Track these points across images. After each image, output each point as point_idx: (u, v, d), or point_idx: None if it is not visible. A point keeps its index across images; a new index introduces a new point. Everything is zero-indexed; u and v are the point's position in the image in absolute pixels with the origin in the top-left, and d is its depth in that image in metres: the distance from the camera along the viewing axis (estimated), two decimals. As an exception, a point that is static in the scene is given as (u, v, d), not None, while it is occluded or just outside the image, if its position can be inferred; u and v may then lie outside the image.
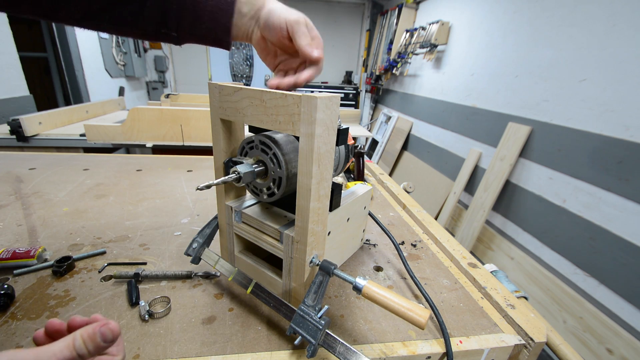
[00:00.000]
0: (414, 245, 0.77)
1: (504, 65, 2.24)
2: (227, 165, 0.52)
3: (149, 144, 1.76)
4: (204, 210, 0.88)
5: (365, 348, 0.47)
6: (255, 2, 0.47)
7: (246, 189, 0.57)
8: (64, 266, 0.58)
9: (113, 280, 0.58)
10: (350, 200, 0.60)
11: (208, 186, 0.43)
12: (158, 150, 1.79)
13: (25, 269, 0.58)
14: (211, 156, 0.74)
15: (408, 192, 1.12)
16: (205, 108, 1.87)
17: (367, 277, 0.60)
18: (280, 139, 0.48)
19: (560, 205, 1.73)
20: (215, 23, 0.46)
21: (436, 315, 0.52)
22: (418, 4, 3.68)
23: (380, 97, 4.75)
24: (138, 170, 1.16)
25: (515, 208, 2.04)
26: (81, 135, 1.80)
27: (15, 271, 0.58)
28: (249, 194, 0.60)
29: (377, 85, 4.56)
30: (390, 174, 3.78)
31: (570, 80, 1.72)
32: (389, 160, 3.86)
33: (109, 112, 2.60)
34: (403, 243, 0.78)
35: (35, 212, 0.81)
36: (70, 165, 1.17)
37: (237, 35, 0.49)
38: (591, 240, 1.56)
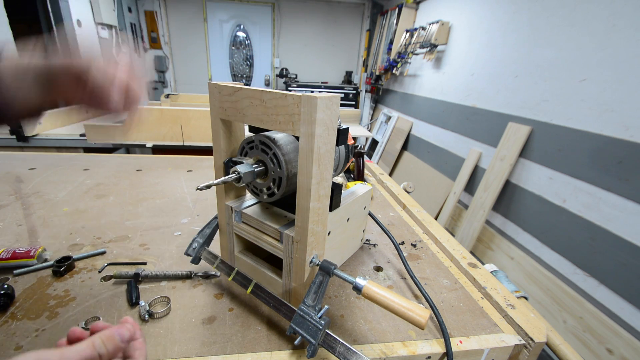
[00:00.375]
0: (414, 245, 0.77)
1: (504, 65, 2.24)
2: (227, 165, 0.52)
3: (149, 144, 1.76)
4: (204, 210, 0.88)
5: (365, 348, 0.47)
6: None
7: (246, 189, 0.57)
8: (64, 266, 0.58)
9: (113, 280, 0.58)
10: (350, 200, 0.60)
11: (208, 186, 0.43)
12: (158, 150, 1.79)
13: (25, 269, 0.58)
14: (211, 156, 0.74)
15: (408, 192, 1.12)
16: (205, 108, 1.88)
17: (367, 277, 0.60)
18: (280, 139, 0.48)
19: (560, 205, 1.73)
20: None
21: (436, 315, 0.52)
22: (418, 4, 3.68)
23: (380, 97, 4.75)
24: (138, 170, 1.16)
25: (515, 208, 2.04)
26: (81, 135, 1.80)
27: (15, 271, 0.58)
28: (249, 194, 0.60)
29: (377, 85, 4.56)
30: (390, 174, 3.78)
31: (570, 80, 1.72)
32: (389, 160, 3.86)
33: (109, 112, 2.60)
34: (403, 243, 0.78)
35: (35, 212, 0.81)
36: (70, 165, 1.17)
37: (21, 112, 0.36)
38: (591, 240, 1.56)
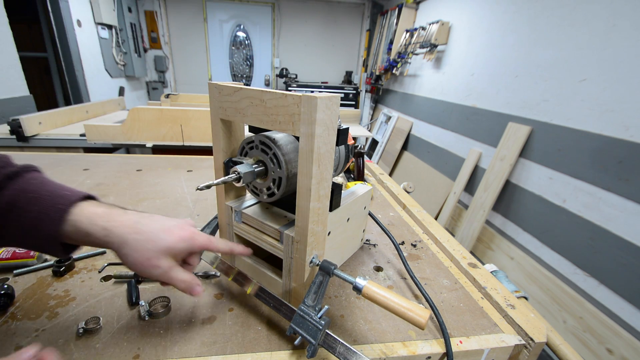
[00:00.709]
0: (414, 245, 0.77)
1: (504, 65, 2.24)
2: (227, 165, 0.52)
3: (149, 144, 1.76)
4: (204, 210, 0.88)
5: (365, 348, 0.47)
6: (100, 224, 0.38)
7: (246, 189, 0.57)
8: (64, 266, 0.58)
9: (113, 280, 0.58)
10: (350, 200, 0.60)
11: (208, 186, 0.43)
12: (158, 150, 1.79)
13: (25, 269, 0.58)
14: (211, 156, 0.74)
15: (408, 192, 1.12)
16: (205, 108, 1.87)
17: (367, 277, 0.60)
18: (280, 139, 0.48)
19: (560, 205, 1.73)
20: (38, 232, 0.37)
21: (436, 316, 0.52)
22: (418, 4, 3.68)
23: (380, 97, 4.75)
24: (138, 170, 1.16)
25: (515, 208, 2.04)
26: (81, 135, 1.80)
27: (15, 271, 0.58)
28: (249, 194, 0.60)
29: (377, 85, 4.55)
30: (390, 174, 3.78)
31: (570, 80, 1.72)
32: (389, 160, 3.86)
33: (109, 112, 2.60)
34: (403, 243, 0.78)
35: (35, 212, 0.81)
36: (70, 165, 1.17)
37: (81, 240, 0.39)
38: (591, 240, 1.56)
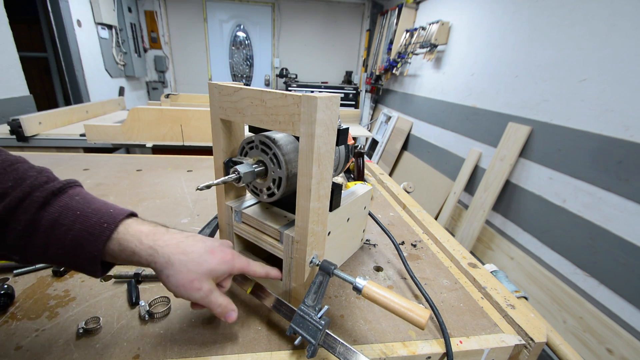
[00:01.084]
0: (414, 245, 0.77)
1: (504, 65, 2.24)
2: (227, 165, 0.52)
3: (149, 144, 1.76)
4: (204, 210, 0.88)
5: (365, 348, 0.47)
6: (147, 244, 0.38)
7: (246, 189, 0.57)
8: (64, 266, 0.58)
9: (113, 280, 0.58)
10: (350, 200, 0.60)
11: (208, 186, 0.43)
12: (158, 150, 1.79)
13: (25, 269, 0.58)
14: (211, 156, 0.74)
15: (408, 192, 1.12)
16: (205, 108, 1.88)
17: (367, 277, 0.60)
18: (280, 139, 0.48)
19: (560, 205, 1.73)
20: (80, 250, 0.36)
21: (436, 316, 0.52)
22: (418, 4, 3.68)
23: (380, 97, 4.75)
24: (138, 170, 1.16)
25: (515, 208, 2.04)
26: (81, 135, 1.80)
27: (15, 271, 0.58)
28: (249, 194, 0.60)
29: (377, 85, 4.55)
30: (390, 174, 3.78)
31: (570, 80, 1.72)
32: (389, 160, 3.86)
33: (109, 112, 2.60)
34: (403, 243, 0.78)
35: (35, 212, 0.81)
36: (70, 165, 1.17)
37: (120, 258, 0.38)
38: (591, 240, 1.56)
